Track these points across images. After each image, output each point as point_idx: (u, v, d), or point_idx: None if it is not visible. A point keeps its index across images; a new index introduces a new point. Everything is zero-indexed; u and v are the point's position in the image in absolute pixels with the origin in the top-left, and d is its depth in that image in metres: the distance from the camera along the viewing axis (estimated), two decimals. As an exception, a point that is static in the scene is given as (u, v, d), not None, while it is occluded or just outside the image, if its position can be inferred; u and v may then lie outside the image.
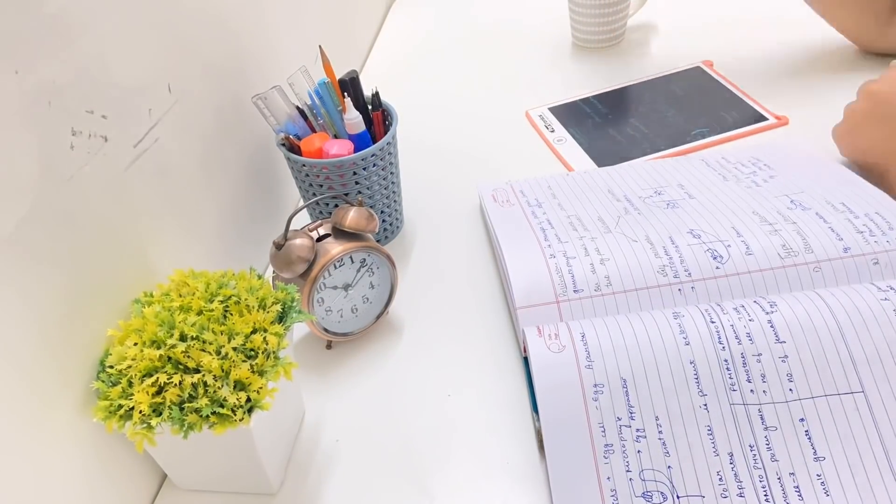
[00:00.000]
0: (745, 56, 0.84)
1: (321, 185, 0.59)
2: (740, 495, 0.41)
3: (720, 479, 0.41)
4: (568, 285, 0.53)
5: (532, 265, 0.55)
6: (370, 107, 0.61)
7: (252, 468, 0.43)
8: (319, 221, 0.53)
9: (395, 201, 0.64)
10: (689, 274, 0.52)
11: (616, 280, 0.53)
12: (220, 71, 0.58)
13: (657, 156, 0.72)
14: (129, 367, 0.39)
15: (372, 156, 0.58)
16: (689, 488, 0.41)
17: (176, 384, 0.38)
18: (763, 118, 0.75)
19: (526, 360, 0.51)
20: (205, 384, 0.39)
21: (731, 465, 0.42)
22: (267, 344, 0.41)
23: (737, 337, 0.45)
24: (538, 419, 0.46)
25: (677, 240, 0.55)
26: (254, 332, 0.41)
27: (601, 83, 0.86)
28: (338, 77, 0.60)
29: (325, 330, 0.53)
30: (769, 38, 0.86)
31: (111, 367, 0.40)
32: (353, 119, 0.58)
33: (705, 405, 0.43)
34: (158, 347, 0.40)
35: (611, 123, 0.78)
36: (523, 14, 1.08)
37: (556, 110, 0.83)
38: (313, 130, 0.60)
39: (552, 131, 0.79)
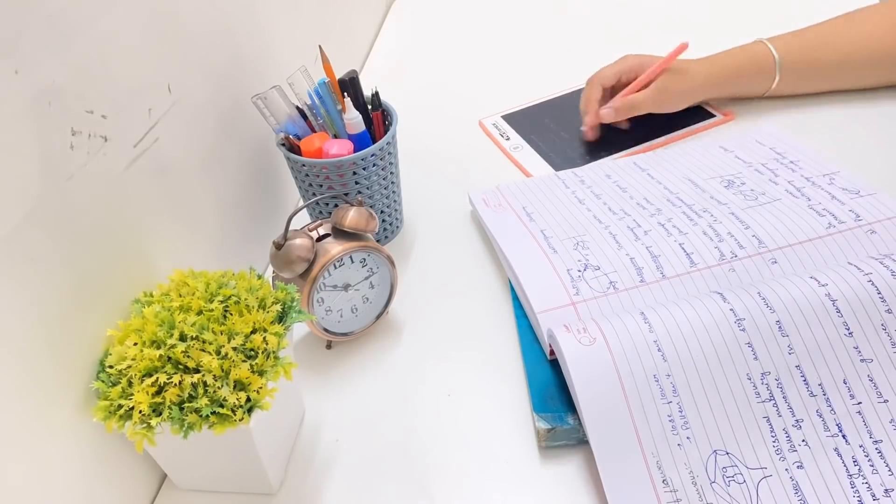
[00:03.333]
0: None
1: (321, 185, 0.59)
2: (800, 466, 0.41)
3: (777, 449, 0.42)
4: (580, 287, 0.53)
5: (540, 270, 0.55)
6: (370, 107, 0.61)
7: (252, 468, 0.43)
8: (319, 221, 0.53)
9: (394, 201, 0.64)
10: (697, 263, 0.53)
11: (626, 276, 0.53)
12: (220, 71, 0.58)
13: (618, 156, 0.73)
14: (129, 367, 0.39)
15: (372, 156, 0.57)
16: (749, 461, 0.41)
17: (176, 384, 0.38)
18: (711, 115, 0.77)
19: (526, 361, 0.51)
20: (205, 384, 0.39)
21: (786, 437, 0.42)
22: (267, 344, 0.41)
23: (768, 306, 0.45)
24: (540, 419, 0.46)
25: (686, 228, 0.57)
26: (254, 331, 0.41)
27: (554, 88, 0.87)
28: (338, 77, 0.60)
29: (325, 330, 0.53)
30: (706, 44, 0.81)
31: (111, 366, 0.40)
32: (353, 119, 0.58)
33: (748, 376, 0.43)
34: (158, 347, 0.40)
35: (564, 127, 0.79)
36: (521, 13, 1.08)
37: (509, 117, 0.83)
38: (313, 130, 0.60)
39: (507, 139, 0.79)
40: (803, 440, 0.42)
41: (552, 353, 0.49)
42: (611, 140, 0.75)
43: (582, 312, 0.51)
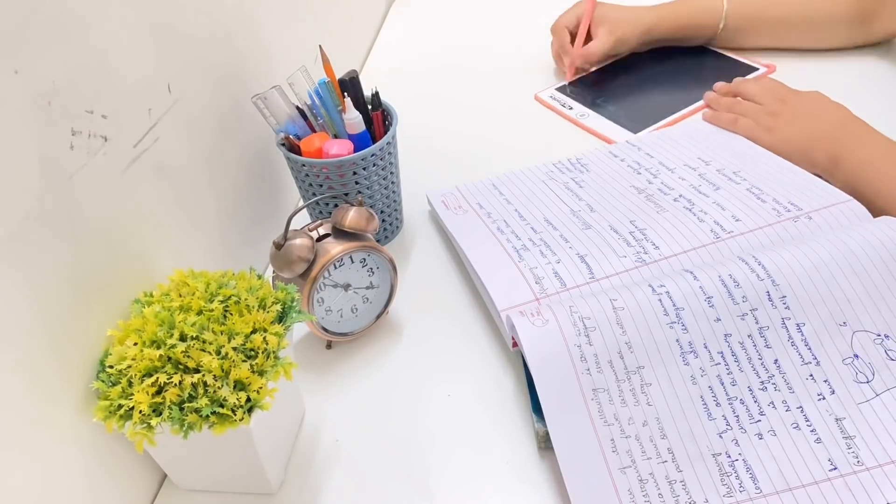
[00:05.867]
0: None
1: (321, 185, 0.59)
2: (742, 430, 0.43)
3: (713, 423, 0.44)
4: (543, 284, 0.53)
5: (503, 269, 0.56)
6: (370, 107, 0.61)
7: (252, 468, 0.43)
8: (319, 221, 0.53)
9: (395, 201, 0.64)
10: (659, 252, 0.55)
11: (596, 269, 0.54)
12: (220, 71, 0.58)
13: (680, 115, 0.76)
14: (129, 366, 0.39)
15: (372, 156, 0.57)
16: (684, 435, 0.43)
17: (176, 384, 0.38)
18: (754, 69, 0.81)
19: (525, 361, 0.51)
20: (205, 384, 0.39)
21: (719, 407, 0.44)
22: (267, 344, 0.41)
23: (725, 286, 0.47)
24: (539, 421, 0.46)
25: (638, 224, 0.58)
26: (254, 332, 0.41)
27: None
28: (338, 77, 0.60)
29: (325, 330, 0.53)
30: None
31: (111, 366, 0.40)
32: (353, 119, 0.58)
33: (693, 351, 0.46)
34: (158, 347, 0.40)
35: (621, 93, 0.83)
36: (520, 11, 1.08)
37: (564, 89, 0.85)
38: (313, 130, 0.60)
39: (570, 109, 0.81)
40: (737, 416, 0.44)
41: (514, 344, 0.50)
42: (667, 102, 0.79)
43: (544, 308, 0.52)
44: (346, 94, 0.58)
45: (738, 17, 0.82)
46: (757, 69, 0.80)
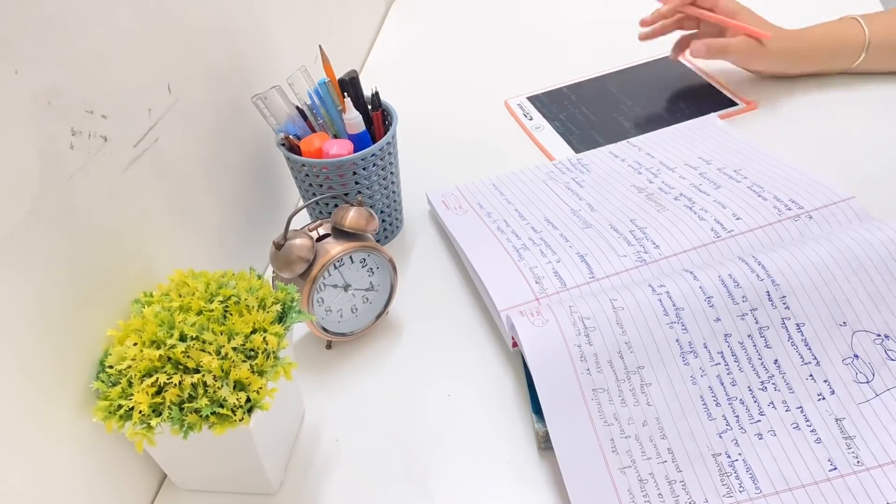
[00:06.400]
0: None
1: (321, 185, 0.59)
2: (741, 430, 0.43)
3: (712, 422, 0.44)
4: (543, 283, 0.54)
5: (503, 269, 0.56)
6: (370, 107, 0.61)
7: (252, 468, 0.43)
8: (319, 221, 0.53)
9: (395, 201, 0.64)
10: (659, 251, 0.55)
11: (597, 268, 0.54)
12: (219, 71, 0.58)
13: (638, 139, 0.73)
14: (129, 367, 0.39)
15: (372, 156, 0.57)
16: (684, 435, 0.43)
17: (176, 384, 0.38)
18: (734, 103, 0.77)
19: (525, 361, 0.51)
20: (204, 384, 0.39)
21: (717, 406, 0.44)
22: (267, 344, 0.41)
23: (724, 285, 0.47)
24: (539, 421, 0.46)
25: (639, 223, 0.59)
26: (254, 332, 0.41)
27: (579, 73, 0.88)
28: (338, 77, 0.60)
29: (325, 330, 0.53)
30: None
31: (111, 367, 0.40)
32: (353, 119, 0.58)
33: (693, 351, 0.46)
34: (158, 347, 0.40)
35: (587, 111, 0.81)
36: (519, 11, 1.08)
37: (533, 99, 0.85)
38: (313, 130, 0.60)
39: (530, 119, 0.80)
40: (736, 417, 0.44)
41: (514, 344, 0.50)
42: (627, 127, 0.77)
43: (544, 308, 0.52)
44: (346, 94, 0.58)
45: (879, 44, 0.74)
46: (736, 104, 0.76)
